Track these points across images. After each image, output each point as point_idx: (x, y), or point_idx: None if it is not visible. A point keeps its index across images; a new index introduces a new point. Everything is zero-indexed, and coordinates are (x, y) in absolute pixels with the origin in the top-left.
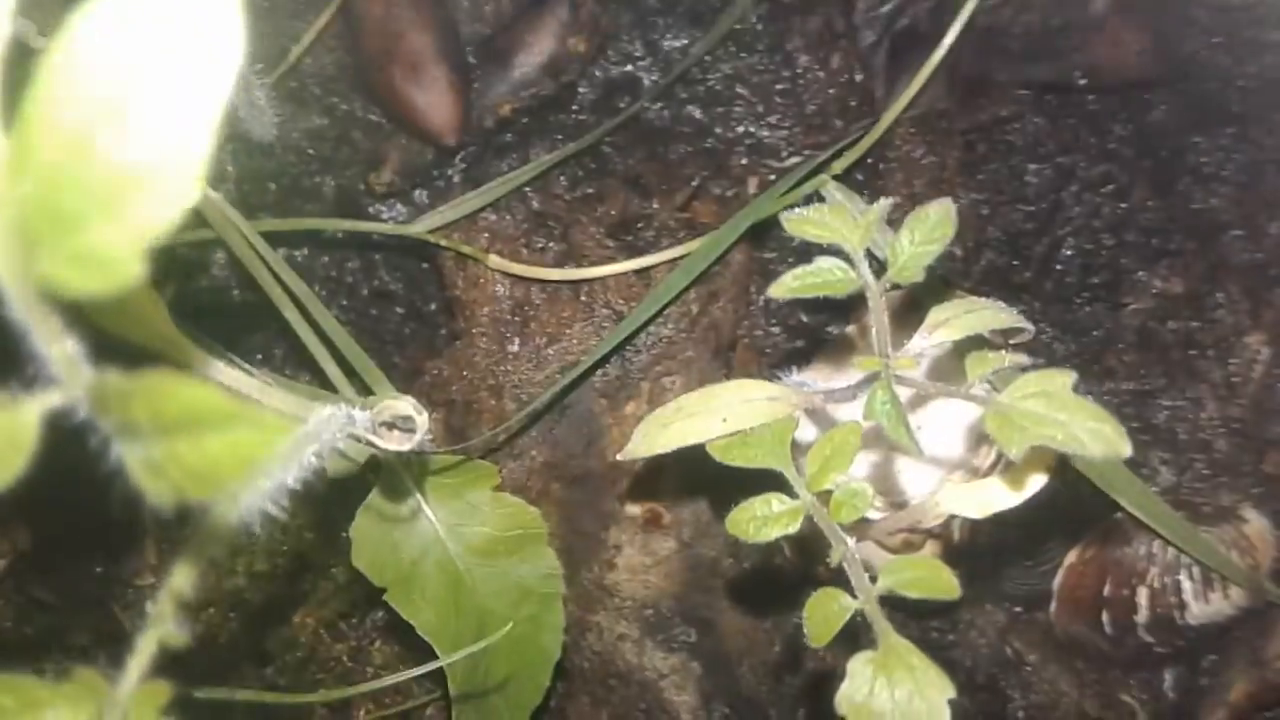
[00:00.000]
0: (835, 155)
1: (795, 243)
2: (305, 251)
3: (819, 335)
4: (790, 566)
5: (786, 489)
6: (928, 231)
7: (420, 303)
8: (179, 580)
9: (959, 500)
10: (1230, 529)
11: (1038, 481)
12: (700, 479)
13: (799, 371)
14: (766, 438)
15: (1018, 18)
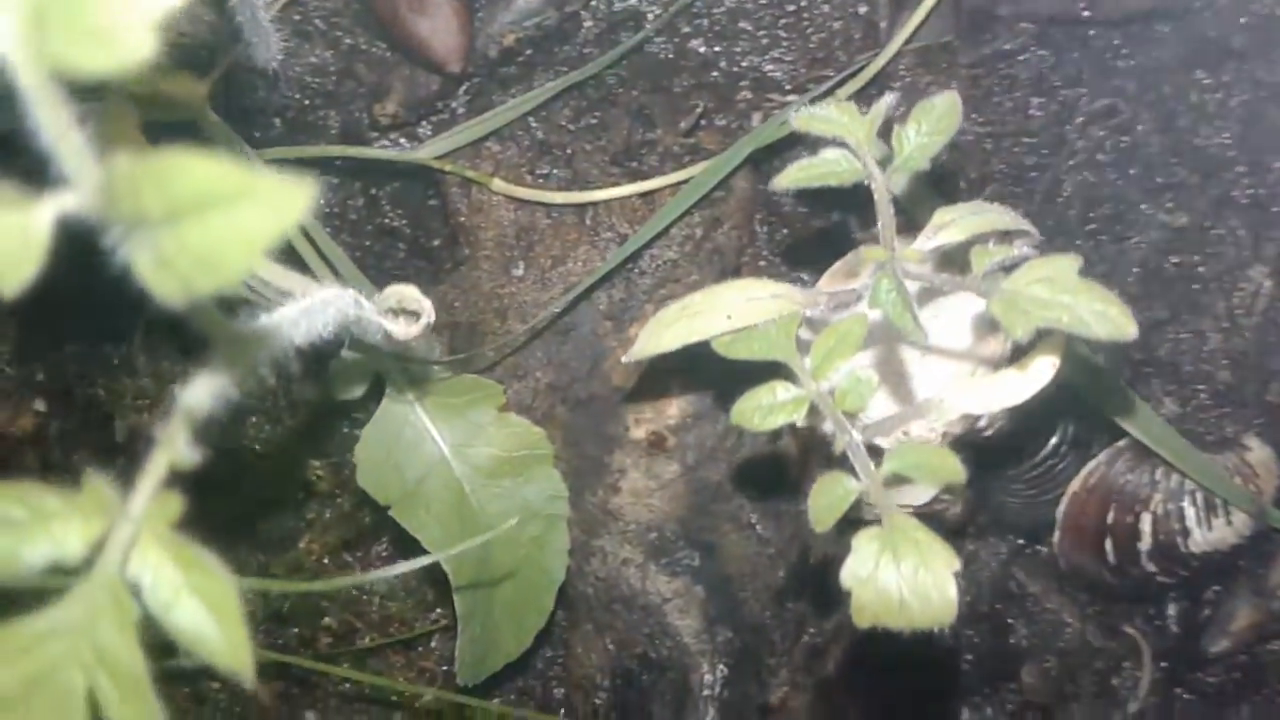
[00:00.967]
0: (838, 85)
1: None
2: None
3: (821, 267)
4: (794, 489)
5: (792, 380)
6: (934, 122)
7: (425, 238)
8: (194, 395)
9: (967, 396)
10: (1234, 457)
11: (1046, 373)
12: (704, 397)
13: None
14: (771, 332)
15: None
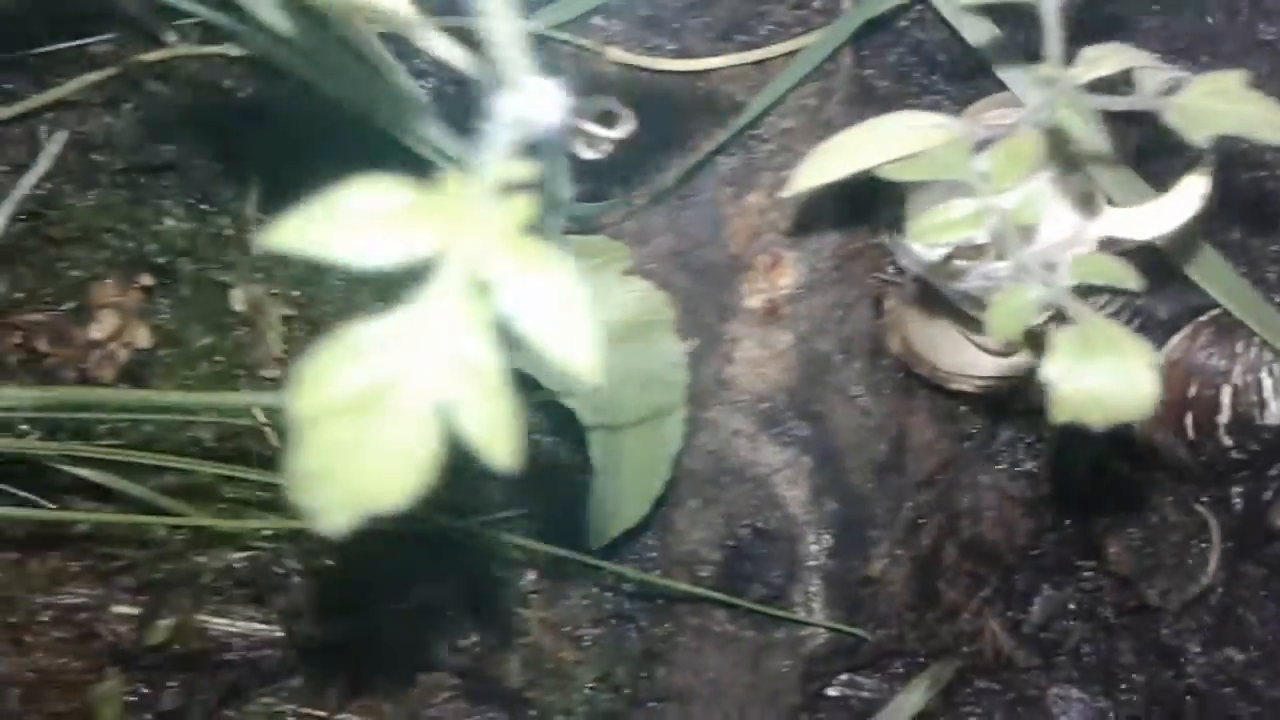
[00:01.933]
0: None
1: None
2: None
3: None
4: (893, 366)
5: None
6: None
7: None
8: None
9: (1119, 222)
10: None
11: (1197, 197)
12: (817, 267)
13: None
14: (944, 153)
15: None
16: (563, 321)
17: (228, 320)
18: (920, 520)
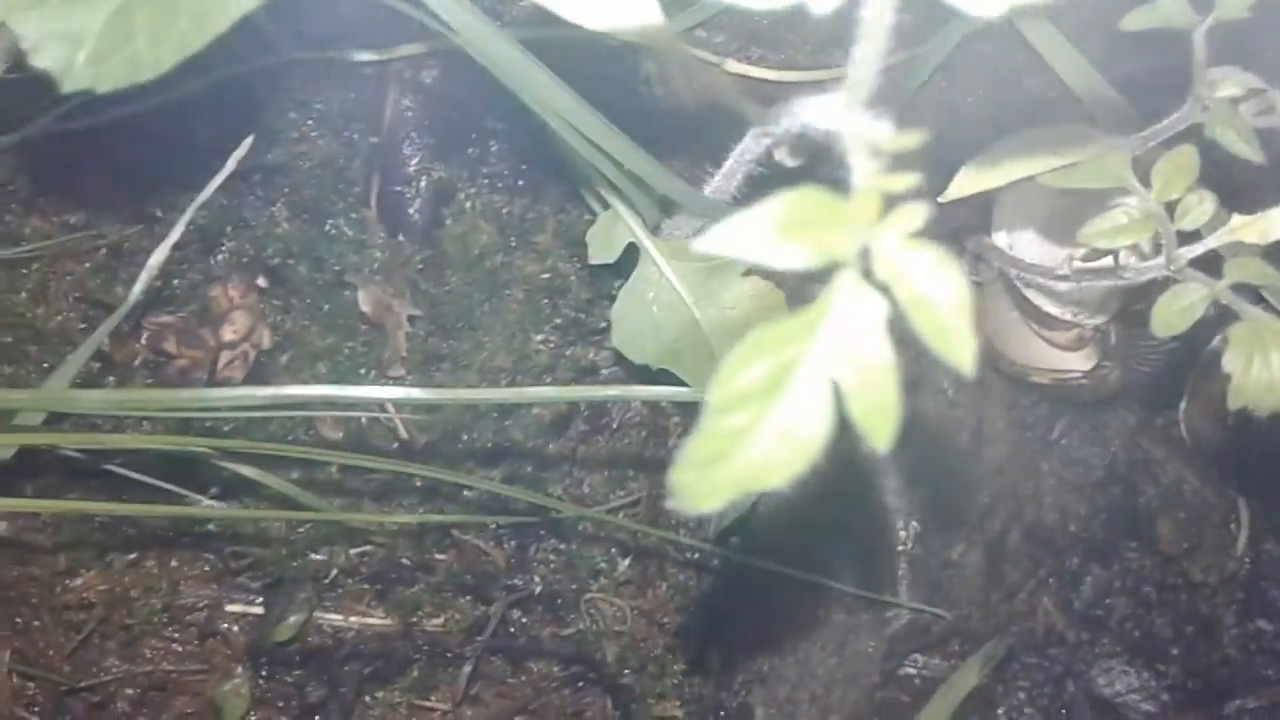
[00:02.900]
0: None
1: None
2: None
3: None
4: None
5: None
6: None
7: None
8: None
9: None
10: None
11: None
12: None
13: None
14: (1105, 162)
15: None
16: (949, 320)
17: (349, 321)
18: (993, 506)
